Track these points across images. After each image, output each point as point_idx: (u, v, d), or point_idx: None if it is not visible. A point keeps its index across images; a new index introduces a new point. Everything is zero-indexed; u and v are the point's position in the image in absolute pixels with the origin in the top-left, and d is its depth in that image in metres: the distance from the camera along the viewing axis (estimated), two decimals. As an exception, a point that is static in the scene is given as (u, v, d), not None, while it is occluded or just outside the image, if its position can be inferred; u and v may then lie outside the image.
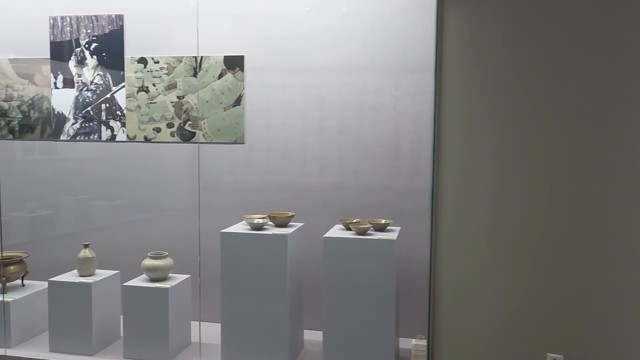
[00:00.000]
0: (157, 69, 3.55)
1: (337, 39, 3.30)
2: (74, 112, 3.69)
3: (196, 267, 3.22)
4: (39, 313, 3.32)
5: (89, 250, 3.18)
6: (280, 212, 3.10)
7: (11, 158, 3.89)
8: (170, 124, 3.56)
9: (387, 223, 2.92)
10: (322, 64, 3.34)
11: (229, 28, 3.46)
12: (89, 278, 3.10)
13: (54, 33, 3.67)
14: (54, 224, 3.90)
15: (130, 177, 3.68)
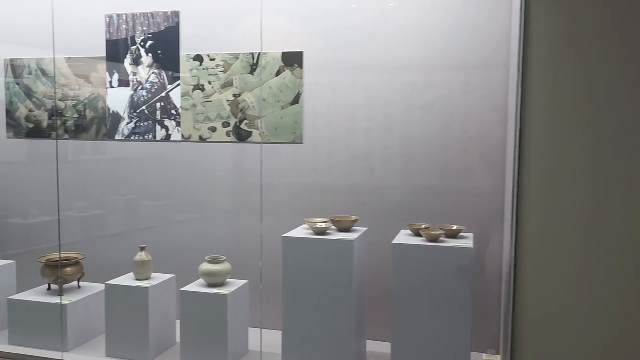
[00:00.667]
0: (213, 66, 3.44)
1: (404, 34, 3.12)
2: (129, 111, 3.63)
3: (250, 271, 3.10)
4: (95, 316, 3.27)
5: (145, 253, 3.10)
6: (343, 216, 2.93)
7: (66, 157, 3.87)
8: (226, 123, 3.45)
9: (459, 229, 2.72)
10: (387, 61, 3.15)
11: (288, 24, 3.32)
12: (146, 282, 3.01)
13: (110, 31, 3.62)
14: (108, 224, 3.86)
15: (184, 178, 3.59)
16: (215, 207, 3.55)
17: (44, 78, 3.78)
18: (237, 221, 3.49)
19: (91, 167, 3.80)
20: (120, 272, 3.18)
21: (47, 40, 3.74)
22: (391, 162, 3.19)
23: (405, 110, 3.14)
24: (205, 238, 3.52)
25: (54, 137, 3.79)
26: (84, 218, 3.91)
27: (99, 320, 3.28)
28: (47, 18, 3.73)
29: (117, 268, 3.22)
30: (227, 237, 3.48)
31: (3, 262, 3.44)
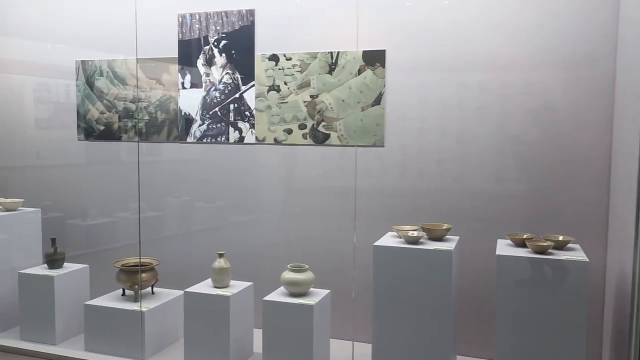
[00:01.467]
0: (289, 66, 3.32)
1: (498, 31, 2.92)
2: (201, 113, 3.55)
3: (327, 278, 2.98)
4: (171, 323, 3.20)
5: (224, 260, 3.00)
6: (435, 224, 2.76)
7: (135, 159, 3.82)
8: (302, 125, 3.33)
9: (566, 240, 2.51)
10: (477, 59, 2.97)
11: (369, 21, 3.16)
12: (226, 290, 2.91)
13: (182, 31, 3.54)
14: (180, 226, 3.79)
15: (257, 181, 3.48)
16: (289, 212, 3.42)
17: (115, 79, 3.74)
18: (312, 226, 3.35)
19: (162, 169, 3.72)
20: (175, 274, 3.12)
21: (118, 42, 3.71)
22: (482, 167, 3.00)
23: (500, 112, 2.95)
24: (280, 244, 3.40)
25: (125, 139, 3.74)
26: (152, 219, 3.86)
27: (174, 327, 3.22)
28: (118, 19, 3.70)
29: (178, 270, 3.15)
30: (302, 243, 3.35)
31: (77, 266, 3.40)
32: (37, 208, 3.67)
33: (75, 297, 3.34)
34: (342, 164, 3.28)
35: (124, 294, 3.23)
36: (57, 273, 3.24)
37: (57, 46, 3.91)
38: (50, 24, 3.86)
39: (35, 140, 4.08)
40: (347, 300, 3.17)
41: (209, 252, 3.37)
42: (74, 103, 3.86)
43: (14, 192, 3.84)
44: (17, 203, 3.57)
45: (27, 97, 4.07)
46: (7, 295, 3.44)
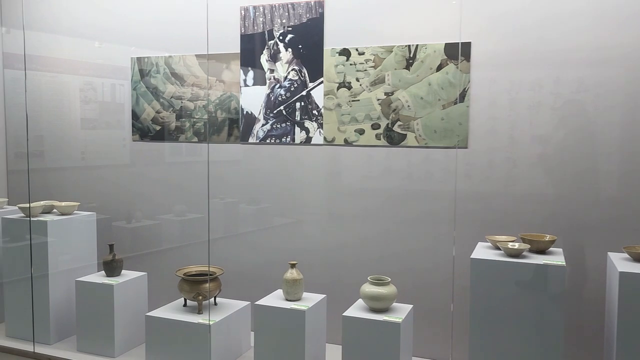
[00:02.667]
0: (361, 61, 3.08)
1: (601, 21, 2.63)
2: (265, 112, 3.33)
3: (403, 291, 2.73)
4: (236, 335, 2.99)
5: (297, 270, 2.78)
6: (536, 235, 2.49)
7: (194, 159, 3.64)
8: (375, 124, 3.08)
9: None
10: (575, 52, 2.68)
11: (452, 10, 2.90)
12: (300, 304, 2.69)
13: (245, 25, 3.34)
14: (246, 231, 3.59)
15: (327, 183, 3.25)
16: (360, 217, 3.18)
17: (172, 77, 3.56)
18: (386, 234, 3.10)
19: (222, 171, 3.52)
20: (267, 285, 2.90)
21: (175, 37, 3.53)
22: (580, 172, 2.71)
23: (606, 111, 2.65)
24: (352, 252, 3.16)
25: (183, 140, 3.56)
26: (212, 221, 3.66)
27: (239, 340, 3.02)
28: (174, 13, 3.52)
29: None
30: (376, 252, 3.11)
31: (135, 274, 3.22)
32: (92, 212, 3.51)
33: (134, 307, 3.17)
34: (420, 167, 3.02)
35: (185, 304, 3.04)
36: (117, 281, 3.07)
37: (109, 44, 3.74)
38: (104, 22, 3.70)
39: (87, 140, 3.93)
40: (428, 316, 2.93)
41: (276, 259, 3.18)
42: (128, 102, 3.70)
43: (59, 194, 3.70)
44: (72, 207, 3.41)
45: (78, 96, 3.92)
46: (63, 303, 3.29)
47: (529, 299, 2.26)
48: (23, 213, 3.31)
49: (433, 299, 2.95)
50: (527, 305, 2.26)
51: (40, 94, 4.03)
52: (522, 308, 2.27)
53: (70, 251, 3.33)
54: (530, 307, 2.26)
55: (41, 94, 4.02)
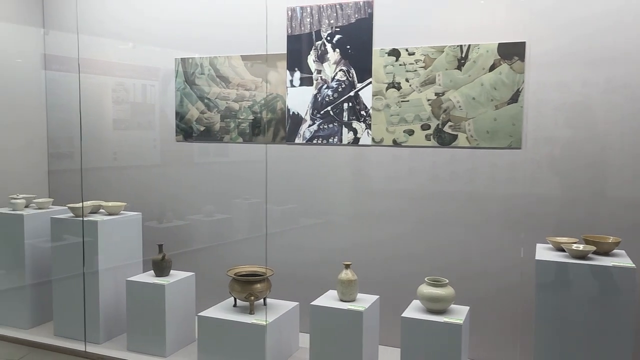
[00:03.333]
0: (411, 61, 3.07)
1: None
2: (312, 112, 3.33)
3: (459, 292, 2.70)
4: (288, 335, 3.00)
5: (351, 271, 2.77)
6: (600, 236, 2.47)
7: (241, 159, 3.65)
8: (425, 125, 3.07)
9: None
10: (632, 53, 2.65)
11: (506, 9, 2.88)
12: (356, 305, 2.69)
13: (291, 25, 3.34)
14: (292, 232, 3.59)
15: (376, 184, 3.24)
16: (410, 218, 3.17)
17: (217, 78, 3.57)
18: (436, 235, 3.09)
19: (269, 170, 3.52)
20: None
21: (220, 38, 3.54)
22: (636, 174, 2.68)
23: (669, 109, 2.63)
24: (403, 254, 3.15)
25: (227, 141, 3.57)
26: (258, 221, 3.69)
27: (290, 340, 3.02)
28: (219, 14, 3.53)
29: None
30: (427, 253, 3.10)
31: (184, 274, 3.24)
32: (138, 212, 3.54)
33: (183, 306, 3.19)
34: (471, 167, 3.01)
35: (235, 304, 3.05)
36: (167, 281, 3.08)
37: (149, 46, 3.76)
38: (148, 24, 3.72)
39: (119, 141, 3.95)
40: (483, 318, 2.91)
41: (321, 258, 3.19)
42: (172, 103, 3.71)
43: (95, 194, 3.72)
44: (119, 207, 3.44)
45: (119, 97, 3.95)
46: (111, 302, 3.31)
47: (596, 301, 2.23)
48: (73, 213, 3.34)
49: (488, 300, 2.94)
50: (595, 308, 2.24)
51: (75, 95, 4.06)
52: (589, 311, 2.25)
53: (118, 251, 3.36)
54: (598, 309, 2.24)
55: (75, 95, 4.06)
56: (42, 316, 3.54)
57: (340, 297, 2.75)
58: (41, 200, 3.64)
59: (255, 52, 3.44)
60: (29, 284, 3.46)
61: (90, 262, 3.22)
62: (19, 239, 3.42)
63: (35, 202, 3.64)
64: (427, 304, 2.57)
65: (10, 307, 3.50)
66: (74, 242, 3.29)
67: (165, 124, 3.77)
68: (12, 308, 3.50)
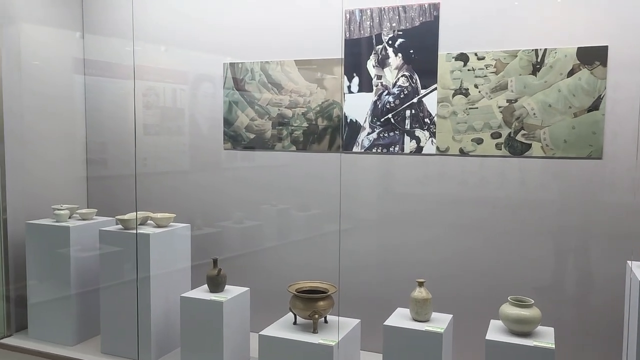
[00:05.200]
0: (481, 66, 2.92)
1: None
2: (371, 120, 3.18)
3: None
4: (351, 354, 2.85)
5: (425, 289, 2.62)
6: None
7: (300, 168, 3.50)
8: (496, 133, 2.91)
9: None
10: None
11: (586, 11, 2.72)
12: (433, 325, 2.53)
13: (350, 29, 3.19)
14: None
15: (440, 192, 3.08)
16: (483, 231, 3.01)
17: (269, 84, 3.43)
18: (509, 248, 2.93)
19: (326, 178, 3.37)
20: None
21: (272, 42, 3.40)
22: None
23: None
24: (476, 270, 3.00)
25: (279, 149, 3.42)
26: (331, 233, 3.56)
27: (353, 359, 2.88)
28: (272, 17, 3.39)
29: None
30: (493, 267, 2.94)
31: (239, 289, 3.09)
32: (187, 224, 3.40)
33: (239, 323, 3.04)
34: (545, 178, 2.85)
35: (295, 322, 2.90)
36: (225, 298, 2.94)
37: (201, 52, 3.63)
38: (196, 29, 3.59)
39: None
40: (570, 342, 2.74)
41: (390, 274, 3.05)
42: (220, 109, 3.57)
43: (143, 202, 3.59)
44: (168, 218, 3.30)
45: (166, 103, 3.82)
46: (161, 318, 3.17)
47: None
48: (122, 225, 3.21)
49: (571, 318, 2.78)
50: None
51: (104, 99, 3.95)
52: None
53: (168, 264, 3.22)
54: None
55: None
56: (88, 332, 3.41)
57: (414, 317, 2.60)
58: (85, 211, 3.51)
59: (311, 56, 3.30)
60: (75, 298, 3.33)
61: (141, 276, 3.08)
62: (65, 252, 3.29)
63: (79, 213, 3.51)
64: (512, 326, 2.41)
65: (55, 322, 3.37)
66: (123, 255, 3.16)
67: (211, 130, 3.63)
68: (57, 324, 3.36)
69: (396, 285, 3.07)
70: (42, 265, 3.37)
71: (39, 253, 3.37)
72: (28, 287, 3.43)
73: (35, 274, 3.40)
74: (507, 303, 2.45)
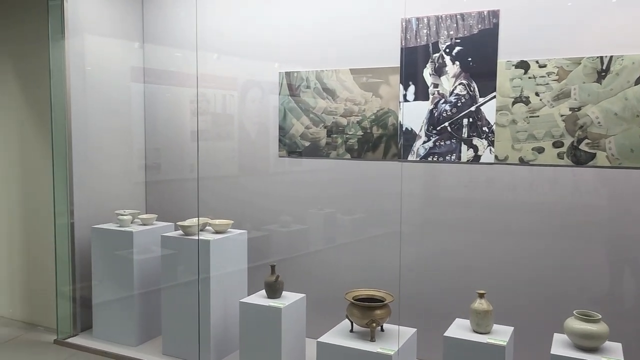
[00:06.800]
0: (542, 74, 2.87)
1: None
2: (427, 128, 3.18)
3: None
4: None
5: (486, 301, 2.60)
6: None
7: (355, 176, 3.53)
8: (558, 142, 2.86)
9: None
10: None
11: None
12: (496, 338, 2.51)
13: (406, 37, 3.19)
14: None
15: (499, 202, 3.05)
16: (543, 238, 2.96)
17: (323, 92, 3.46)
18: (573, 262, 2.87)
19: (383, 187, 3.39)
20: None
21: (327, 50, 3.43)
22: None
23: None
24: (532, 281, 2.95)
25: (334, 157, 3.46)
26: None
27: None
28: (327, 26, 3.42)
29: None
30: (555, 279, 2.89)
31: (297, 296, 3.14)
32: (243, 230, 3.48)
33: (297, 329, 3.09)
34: (610, 188, 2.78)
35: (352, 330, 2.92)
36: (283, 304, 2.99)
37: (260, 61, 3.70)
38: (253, 38, 3.66)
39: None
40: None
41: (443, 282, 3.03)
42: (271, 115, 3.64)
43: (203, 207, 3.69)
44: (227, 225, 3.38)
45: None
46: (220, 322, 3.26)
47: None
48: (182, 231, 3.31)
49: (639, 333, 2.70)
50: None
51: (160, 106, 4.08)
52: None
53: (226, 269, 3.30)
54: None
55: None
56: (149, 333, 3.54)
57: (475, 328, 2.58)
58: (146, 217, 3.64)
59: (366, 65, 3.31)
60: (137, 300, 3.46)
61: (201, 282, 3.17)
62: (128, 256, 3.42)
63: (140, 218, 3.64)
64: (578, 341, 2.36)
65: (118, 323, 3.51)
66: (184, 260, 3.26)
67: (263, 136, 3.69)
68: (120, 325, 3.50)
69: (452, 295, 3.07)
70: (106, 268, 3.51)
71: (103, 256, 3.51)
72: (93, 288, 3.58)
73: (100, 276, 3.55)
74: (572, 317, 2.40)
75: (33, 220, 3.92)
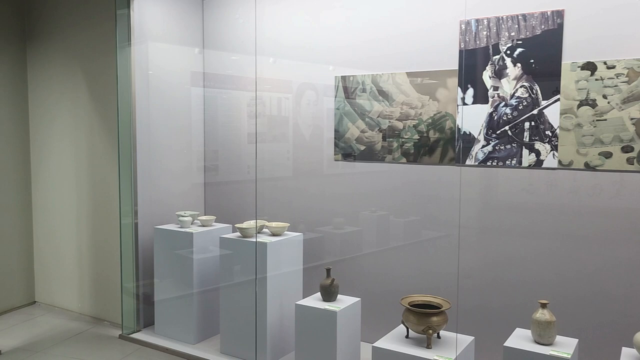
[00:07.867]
0: (611, 76, 2.74)
1: None
2: (486, 132, 3.11)
3: None
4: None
5: (548, 311, 2.51)
6: None
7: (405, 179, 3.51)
8: (628, 147, 2.73)
9: None
10: None
11: None
12: (560, 350, 2.42)
13: (465, 39, 3.13)
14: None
15: (565, 207, 2.94)
16: (589, 249, 2.84)
17: (379, 96, 3.45)
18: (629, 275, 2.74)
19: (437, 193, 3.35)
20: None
21: (383, 54, 3.42)
22: None
23: None
24: (596, 293, 2.84)
25: (389, 161, 3.44)
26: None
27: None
28: (383, 29, 3.41)
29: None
30: (620, 292, 2.76)
31: (351, 299, 3.15)
32: (299, 233, 3.53)
33: (352, 333, 3.10)
34: (686, 197, 2.63)
35: (407, 335, 2.90)
36: (338, 308, 3.01)
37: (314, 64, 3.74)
38: (309, 41, 3.70)
39: (282, 155, 3.98)
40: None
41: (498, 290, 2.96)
42: (326, 119, 3.66)
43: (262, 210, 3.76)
44: (283, 227, 3.44)
45: (280, 113, 3.97)
46: (276, 324, 3.32)
47: None
48: (240, 233, 3.39)
49: None
50: None
51: (217, 109, 4.17)
52: None
53: (282, 271, 3.35)
54: None
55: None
56: (208, 331, 3.65)
57: (536, 339, 2.51)
58: (205, 218, 3.75)
59: (423, 68, 3.28)
60: (197, 299, 3.57)
61: (259, 283, 3.23)
62: (188, 256, 3.54)
63: (200, 220, 3.75)
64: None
65: (179, 321, 3.64)
66: (242, 261, 3.34)
67: (318, 139, 3.72)
68: (180, 322, 3.63)
69: (511, 303, 2.99)
70: (168, 267, 3.65)
71: (165, 256, 3.65)
72: (155, 286, 3.73)
73: (162, 275, 3.69)
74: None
75: (101, 220, 4.12)
